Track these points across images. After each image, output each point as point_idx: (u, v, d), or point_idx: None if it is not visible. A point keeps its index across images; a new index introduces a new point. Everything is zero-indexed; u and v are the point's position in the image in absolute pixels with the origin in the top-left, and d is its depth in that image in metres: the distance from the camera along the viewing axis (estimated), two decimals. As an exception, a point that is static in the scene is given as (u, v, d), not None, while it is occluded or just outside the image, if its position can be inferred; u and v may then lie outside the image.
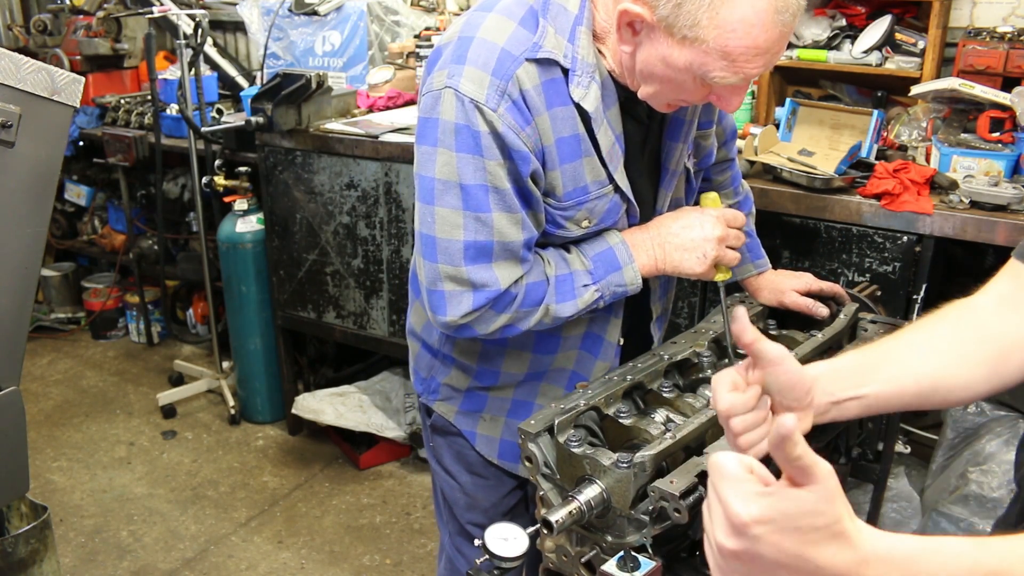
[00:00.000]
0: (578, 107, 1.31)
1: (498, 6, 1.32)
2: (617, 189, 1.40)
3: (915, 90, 2.58)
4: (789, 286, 1.71)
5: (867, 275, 2.29)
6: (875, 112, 2.47)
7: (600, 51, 1.32)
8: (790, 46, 2.80)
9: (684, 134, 1.48)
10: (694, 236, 1.43)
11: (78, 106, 1.73)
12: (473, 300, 1.34)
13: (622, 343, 1.56)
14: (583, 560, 1.26)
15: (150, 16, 3.48)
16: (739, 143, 1.98)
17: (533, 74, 1.28)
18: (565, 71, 1.30)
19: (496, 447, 1.61)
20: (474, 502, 1.68)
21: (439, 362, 1.61)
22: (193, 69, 3.48)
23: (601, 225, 1.42)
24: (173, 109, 3.80)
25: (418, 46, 3.38)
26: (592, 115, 1.32)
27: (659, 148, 1.48)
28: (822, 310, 1.66)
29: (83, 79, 1.74)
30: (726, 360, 1.50)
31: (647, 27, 1.21)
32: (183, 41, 3.41)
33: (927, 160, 2.45)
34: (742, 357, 1.51)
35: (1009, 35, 2.58)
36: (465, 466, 1.66)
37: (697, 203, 1.53)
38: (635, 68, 1.28)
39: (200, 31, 3.39)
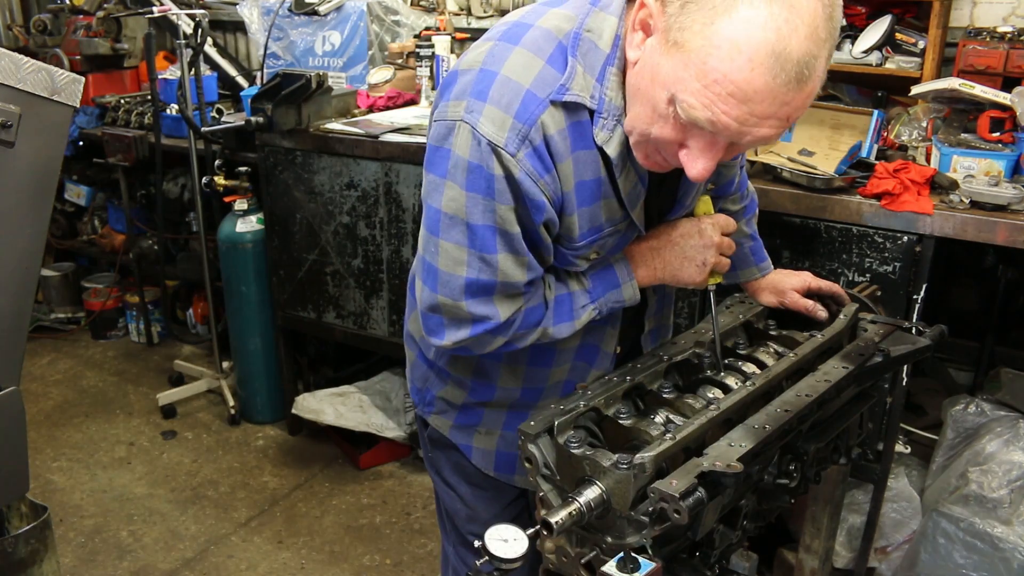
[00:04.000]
0: (601, 151, 1.26)
1: (525, 39, 1.23)
2: (631, 225, 1.37)
3: (915, 90, 2.58)
4: (789, 285, 1.71)
5: (867, 275, 2.29)
6: (875, 112, 2.47)
7: None
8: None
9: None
10: (693, 244, 1.41)
11: (78, 106, 1.73)
12: (471, 330, 1.32)
13: (619, 351, 1.55)
14: (583, 561, 1.26)
15: (150, 16, 3.48)
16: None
17: (559, 118, 1.20)
18: (591, 112, 1.23)
19: (492, 460, 1.59)
20: (475, 514, 1.65)
21: (434, 374, 1.58)
22: (193, 69, 3.48)
23: (608, 256, 1.39)
24: (173, 109, 3.80)
25: (418, 46, 3.39)
26: (615, 160, 1.25)
27: (677, 185, 1.44)
28: (822, 313, 1.65)
29: (83, 79, 1.74)
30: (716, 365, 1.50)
31: (653, 30, 1.13)
32: (183, 41, 3.41)
33: (927, 160, 2.45)
34: (731, 355, 1.52)
35: (1009, 35, 2.58)
36: (464, 478, 1.63)
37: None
38: (629, 85, 1.20)
39: (200, 31, 3.39)
